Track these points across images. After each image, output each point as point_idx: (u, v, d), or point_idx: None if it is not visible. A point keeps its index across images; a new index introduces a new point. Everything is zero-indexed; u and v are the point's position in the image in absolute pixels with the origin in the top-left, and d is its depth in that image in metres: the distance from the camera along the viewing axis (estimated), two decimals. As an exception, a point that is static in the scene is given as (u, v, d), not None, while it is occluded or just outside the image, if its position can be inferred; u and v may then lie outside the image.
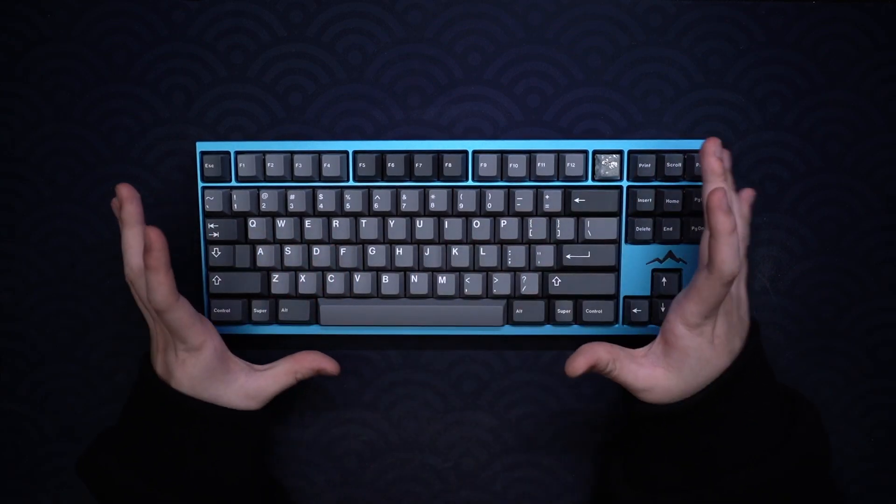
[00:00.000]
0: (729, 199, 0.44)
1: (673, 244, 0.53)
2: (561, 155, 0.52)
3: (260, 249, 0.54)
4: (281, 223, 0.53)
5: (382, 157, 0.53)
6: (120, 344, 0.58)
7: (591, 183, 0.53)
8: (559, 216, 0.53)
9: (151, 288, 0.45)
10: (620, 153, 0.52)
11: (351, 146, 0.53)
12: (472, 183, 0.53)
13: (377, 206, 0.53)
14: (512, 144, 0.53)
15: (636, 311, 0.53)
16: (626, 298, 0.54)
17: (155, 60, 0.56)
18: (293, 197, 0.53)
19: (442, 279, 0.53)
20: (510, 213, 0.53)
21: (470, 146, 0.53)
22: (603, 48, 0.55)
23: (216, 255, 0.54)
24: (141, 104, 0.56)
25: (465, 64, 0.55)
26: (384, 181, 0.53)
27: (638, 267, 0.53)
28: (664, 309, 0.53)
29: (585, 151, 0.52)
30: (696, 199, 0.52)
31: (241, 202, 0.53)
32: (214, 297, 0.54)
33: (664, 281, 0.53)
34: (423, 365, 0.57)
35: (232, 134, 0.56)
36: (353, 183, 0.53)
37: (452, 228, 0.53)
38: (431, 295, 0.54)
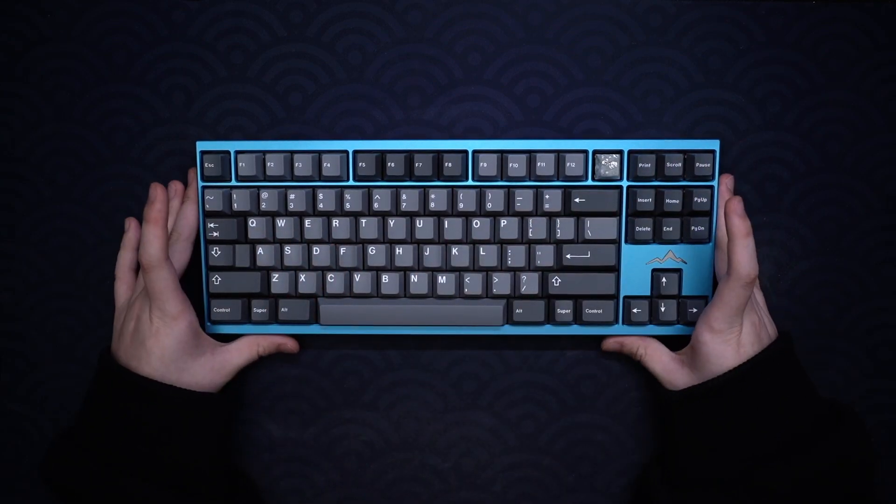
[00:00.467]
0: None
1: (673, 244, 0.53)
2: (561, 155, 0.52)
3: (260, 249, 0.54)
4: (281, 223, 0.53)
5: (382, 156, 0.53)
6: (120, 344, 0.58)
7: (591, 183, 0.53)
8: (559, 216, 0.53)
9: (147, 241, 0.47)
10: (620, 153, 0.52)
11: (351, 146, 0.53)
12: (472, 183, 0.53)
13: (377, 205, 0.53)
14: (512, 144, 0.53)
15: (636, 311, 0.53)
16: (626, 298, 0.54)
17: (155, 60, 0.56)
18: (293, 196, 0.53)
19: (442, 279, 0.53)
20: (510, 212, 0.53)
21: (470, 146, 0.53)
22: (603, 48, 0.55)
23: (216, 254, 0.54)
24: (141, 104, 0.56)
25: (465, 64, 0.55)
26: (384, 181, 0.53)
27: (638, 267, 0.53)
28: (664, 309, 0.53)
29: (585, 151, 0.52)
30: (696, 199, 0.52)
31: (241, 202, 0.53)
32: (214, 296, 0.54)
33: (664, 281, 0.53)
34: (423, 365, 0.57)
35: (232, 134, 0.56)
36: (353, 183, 0.53)
37: (452, 228, 0.53)
38: (431, 295, 0.54)
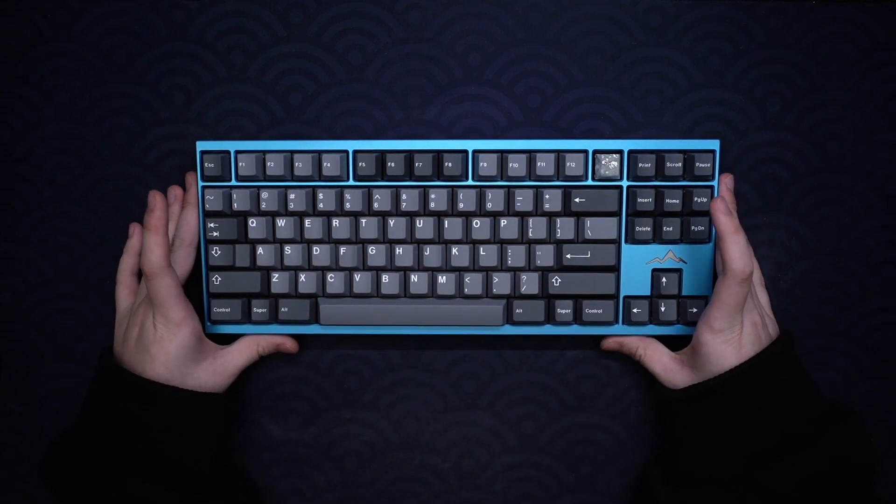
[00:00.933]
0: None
1: (673, 244, 0.53)
2: (561, 155, 0.52)
3: (260, 249, 0.54)
4: (281, 223, 0.53)
5: (382, 156, 0.53)
6: (120, 344, 0.58)
7: (591, 183, 0.53)
8: (559, 216, 0.53)
9: (148, 249, 0.47)
10: (620, 153, 0.52)
11: (351, 146, 0.53)
12: (472, 183, 0.53)
13: (377, 205, 0.53)
14: (512, 144, 0.53)
15: (636, 310, 0.53)
16: (626, 298, 0.54)
17: (155, 60, 0.56)
18: (293, 196, 0.53)
19: (442, 279, 0.53)
20: (510, 212, 0.53)
21: (470, 146, 0.53)
22: (603, 48, 0.55)
23: (216, 254, 0.54)
24: (141, 104, 0.56)
25: (465, 64, 0.55)
26: (384, 181, 0.53)
27: (638, 267, 0.53)
28: (664, 309, 0.53)
29: (585, 151, 0.52)
30: (696, 199, 0.52)
31: (241, 202, 0.53)
32: (214, 296, 0.54)
33: (664, 281, 0.53)
34: (423, 365, 0.57)
35: (232, 134, 0.56)
36: (353, 182, 0.53)
37: (452, 228, 0.53)
38: (431, 295, 0.54)
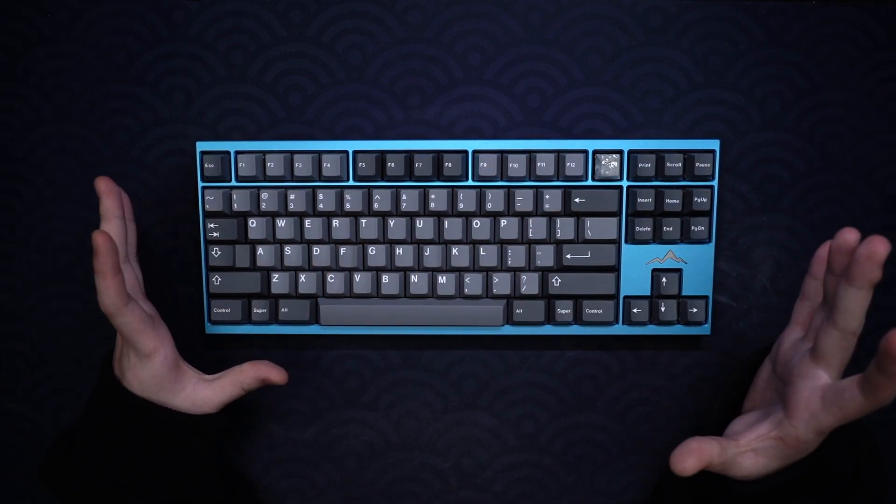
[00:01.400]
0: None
1: (673, 244, 0.53)
2: (561, 155, 0.52)
3: (260, 249, 0.54)
4: (281, 223, 0.53)
5: (382, 156, 0.53)
6: (120, 344, 0.58)
7: (591, 183, 0.53)
8: (559, 216, 0.53)
9: (100, 292, 0.45)
10: (620, 153, 0.52)
11: (351, 146, 0.53)
12: (472, 183, 0.53)
13: (377, 205, 0.53)
14: (512, 144, 0.53)
15: (636, 310, 0.53)
16: (626, 298, 0.54)
17: (155, 60, 0.56)
18: (293, 197, 0.53)
19: (442, 279, 0.53)
20: (510, 212, 0.53)
21: (470, 146, 0.53)
22: (603, 48, 0.55)
23: (216, 254, 0.54)
24: (141, 104, 0.56)
25: (465, 64, 0.55)
26: (384, 181, 0.53)
27: (638, 267, 0.53)
28: (664, 309, 0.53)
29: (585, 151, 0.52)
30: (696, 199, 0.52)
31: (241, 202, 0.53)
32: (214, 296, 0.54)
33: (664, 281, 0.53)
34: (423, 365, 0.57)
35: (232, 134, 0.56)
36: (353, 183, 0.53)
37: (452, 228, 0.53)
38: (431, 295, 0.54)
